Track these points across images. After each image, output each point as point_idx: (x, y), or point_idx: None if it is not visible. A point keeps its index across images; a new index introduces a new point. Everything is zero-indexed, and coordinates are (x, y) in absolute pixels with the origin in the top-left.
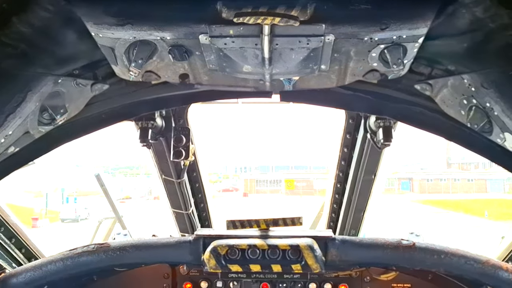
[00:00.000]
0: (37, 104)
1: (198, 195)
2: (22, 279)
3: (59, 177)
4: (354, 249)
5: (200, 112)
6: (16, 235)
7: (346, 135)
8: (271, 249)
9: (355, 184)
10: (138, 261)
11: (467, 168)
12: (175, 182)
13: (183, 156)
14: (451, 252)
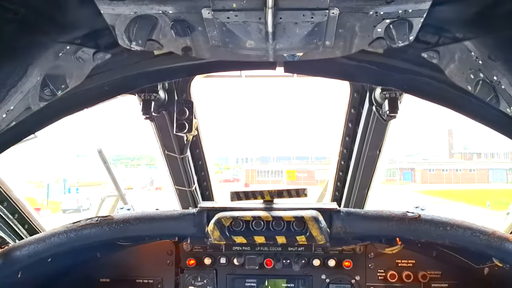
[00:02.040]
0: (39, 79)
1: (201, 172)
2: (25, 252)
3: (60, 167)
4: (359, 221)
5: (202, 92)
6: (19, 211)
7: (351, 110)
8: (275, 221)
9: (359, 161)
10: (142, 233)
11: (470, 158)
12: (178, 157)
13: (186, 129)
14: (457, 224)
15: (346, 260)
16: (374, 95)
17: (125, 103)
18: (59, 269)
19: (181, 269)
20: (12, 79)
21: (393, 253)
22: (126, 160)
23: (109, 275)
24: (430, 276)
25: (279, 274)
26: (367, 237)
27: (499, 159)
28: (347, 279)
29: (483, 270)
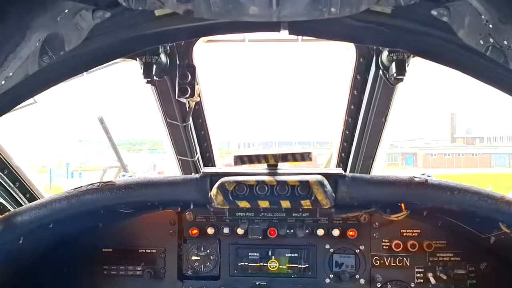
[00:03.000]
0: (37, 45)
1: (204, 144)
2: (26, 217)
3: (63, 152)
4: (364, 186)
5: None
6: (20, 179)
7: (356, 76)
8: (279, 185)
9: (364, 129)
10: (144, 198)
11: (472, 142)
12: (180, 126)
13: (189, 94)
14: (464, 189)
15: (350, 230)
16: (381, 58)
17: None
18: (61, 238)
19: (184, 239)
20: (11, 45)
21: (399, 219)
22: (128, 145)
23: (111, 244)
24: (435, 246)
25: (283, 244)
26: (372, 202)
27: (502, 143)
28: (351, 249)
29: (489, 240)
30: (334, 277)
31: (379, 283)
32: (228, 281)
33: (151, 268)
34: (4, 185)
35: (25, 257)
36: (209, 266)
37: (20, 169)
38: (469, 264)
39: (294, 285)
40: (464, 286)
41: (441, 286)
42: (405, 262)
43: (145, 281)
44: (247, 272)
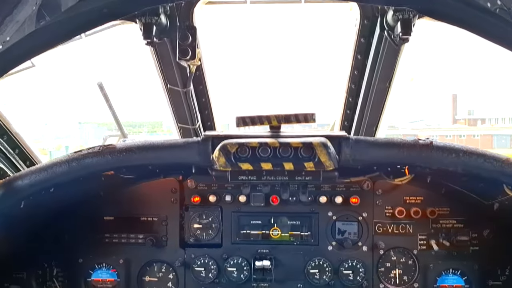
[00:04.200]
0: (34, 8)
1: (205, 111)
2: (27, 181)
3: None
4: (368, 148)
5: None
6: (20, 146)
7: (360, 39)
8: (282, 147)
9: (368, 95)
10: (145, 162)
11: (474, 123)
12: (180, 91)
13: (189, 56)
14: (470, 151)
15: (353, 197)
16: (386, 19)
17: (128, 41)
18: (63, 204)
19: (186, 207)
20: (7, 8)
21: (402, 184)
22: (128, 127)
23: (113, 213)
24: (439, 213)
25: (285, 212)
26: (376, 165)
27: (504, 124)
28: (354, 216)
29: (493, 206)
30: (337, 244)
31: (382, 250)
32: (230, 249)
33: (153, 236)
34: (4, 151)
35: (26, 223)
36: (211, 234)
37: (19, 136)
38: (472, 231)
39: (297, 252)
40: (467, 252)
41: (443, 253)
42: (408, 229)
43: (147, 249)
44: (249, 240)
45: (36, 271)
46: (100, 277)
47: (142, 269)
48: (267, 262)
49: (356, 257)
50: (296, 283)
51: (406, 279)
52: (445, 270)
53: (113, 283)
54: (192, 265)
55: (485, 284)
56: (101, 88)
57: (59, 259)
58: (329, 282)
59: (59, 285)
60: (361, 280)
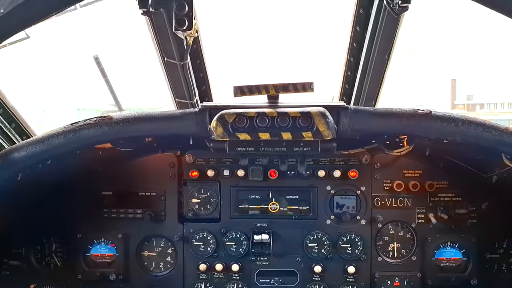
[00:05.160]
0: None
1: (203, 86)
2: (23, 153)
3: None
4: (367, 118)
5: None
6: (16, 120)
7: (359, 10)
8: (280, 117)
9: (367, 68)
10: (142, 133)
11: (473, 108)
12: (178, 64)
13: (186, 26)
14: (469, 120)
15: (351, 171)
16: None
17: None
18: (60, 179)
19: (184, 181)
20: None
21: (401, 155)
22: None
23: (111, 188)
24: (437, 186)
25: (283, 186)
26: (375, 134)
27: (502, 109)
28: (353, 190)
29: (491, 179)
30: (335, 218)
31: (380, 224)
32: (228, 224)
33: (151, 211)
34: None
35: (24, 198)
36: (210, 209)
37: (15, 110)
38: (470, 204)
39: (295, 226)
40: (465, 225)
41: (441, 226)
42: (406, 202)
43: (145, 223)
44: (247, 214)
45: (35, 246)
46: (99, 252)
47: (140, 244)
48: (266, 236)
49: (354, 230)
50: (295, 257)
51: (404, 252)
52: (443, 243)
53: (112, 257)
54: (191, 240)
55: (483, 257)
56: (97, 61)
57: (58, 234)
58: (327, 256)
59: (58, 260)
60: (359, 254)
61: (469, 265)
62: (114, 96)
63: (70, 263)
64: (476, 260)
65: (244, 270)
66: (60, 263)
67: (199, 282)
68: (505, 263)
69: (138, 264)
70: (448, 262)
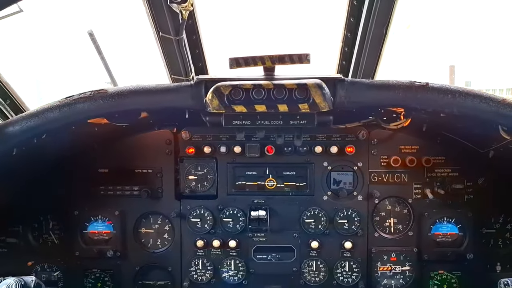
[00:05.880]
0: None
1: (199, 64)
2: (18, 127)
3: None
4: (364, 90)
5: None
6: (11, 97)
7: None
8: (277, 89)
9: (364, 44)
10: (137, 107)
11: None
12: (173, 39)
13: None
14: (466, 92)
15: (348, 146)
16: None
17: None
18: (56, 156)
19: (181, 158)
20: None
21: (398, 128)
22: None
23: (107, 165)
24: (434, 162)
25: (280, 162)
26: (372, 106)
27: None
28: (349, 166)
29: (488, 154)
30: (332, 194)
31: (377, 199)
32: (225, 200)
33: (148, 188)
34: None
35: (20, 174)
36: (207, 186)
37: (10, 86)
38: (467, 179)
39: (292, 202)
40: (461, 201)
41: (438, 202)
42: (403, 178)
43: (142, 200)
44: (244, 191)
45: (32, 224)
46: (96, 229)
47: (137, 220)
48: (263, 212)
49: (351, 206)
50: (292, 233)
51: (401, 227)
52: (440, 218)
53: (109, 235)
54: (188, 216)
55: (479, 232)
56: (91, 37)
57: (55, 212)
58: (324, 232)
59: (55, 238)
60: (356, 229)
61: (465, 240)
62: (109, 73)
63: (68, 240)
64: (472, 235)
65: (241, 246)
66: (57, 241)
67: (197, 259)
68: (501, 238)
69: (136, 241)
70: (444, 237)
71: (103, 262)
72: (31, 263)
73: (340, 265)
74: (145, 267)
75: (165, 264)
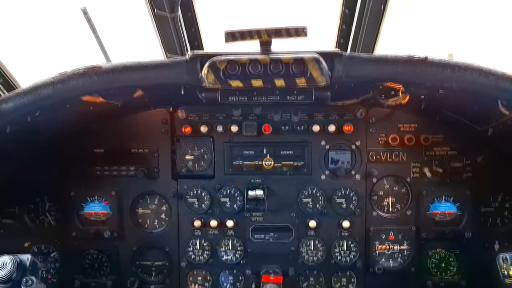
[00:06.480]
0: None
1: (195, 42)
2: (11, 104)
3: None
4: (362, 64)
5: None
6: (5, 76)
7: None
8: (273, 63)
9: (362, 20)
10: (131, 83)
11: None
12: (168, 16)
13: None
14: (465, 65)
15: (346, 125)
16: None
17: None
18: (51, 136)
19: (177, 138)
20: None
21: (397, 103)
22: None
23: (103, 145)
24: (432, 140)
25: (278, 141)
26: (370, 81)
27: None
28: (347, 145)
29: (487, 132)
30: (330, 173)
31: (375, 178)
32: (222, 180)
33: (144, 167)
34: None
35: (15, 154)
36: (203, 165)
37: (2, 64)
38: (465, 157)
39: (289, 182)
40: (459, 179)
41: (436, 180)
42: (401, 156)
43: (138, 180)
44: (242, 171)
45: (28, 205)
46: (92, 210)
47: (134, 201)
48: (260, 192)
49: (349, 185)
50: (289, 212)
51: (399, 206)
52: (438, 197)
53: (106, 215)
54: (185, 196)
55: (477, 211)
56: (85, 14)
57: (51, 193)
58: (322, 211)
59: (52, 219)
60: (354, 208)
61: (464, 218)
62: (104, 52)
63: (64, 221)
64: (470, 214)
65: (238, 226)
66: (54, 222)
67: (194, 239)
68: (499, 216)
69: (133, 221)
70: (442, 215)
71: (100, 242)
72: (28, 244)
73: (338, 245)
74: (142, 248)
75: (163, 245)
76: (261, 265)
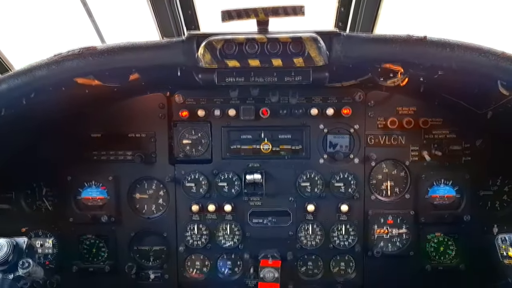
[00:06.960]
0: None
1: (191, 26)
2: (5, 86)
3: None
4: (360, 44)
5: None
6: (1, 61)
7: None
8: (271, 43)
9: (360, 3)
10: (127, 64)
11: None
12: None
13: None
14: (465, 45)
15: (345, 108)
16: None
17: None
18: (47, 119)
19: (174, 122)
20: None
21: (395, 85)
22: None
23: (100, 130)
24: (431, 123)
25: (276, 125)
26: (369, 61)
27: None
28: (346, 129)
29: (486, 115)
30: (328, 157)
31: (374, 162)
32: (220, 164)
33: (141, 152)
34: None
35: (10, 138)
36: (201, 150)
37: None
38: (464, 141)
39: (288, 166)
40: (458, 163)
41: (435, 164)
42: (400, 140)
43: (136, 165)
44: (239, 155)
45: (25, 190)
46: (89, 195)
47: (132, 186)
48: (258, 176)
49: (347, 169)
50: (288, 197)
51: (398, 190)
52: (437, 180)
53: (103, 200)
54: (183, 181)
55: (476, 194)
56: (82, 1)
57: (47, 178)
58: (320, 195)
59: (49, 204)
60: (353, 192)
61: (463, 202)
62: (100, 36)
63: (61, 206)
64: (469, 197)
65: (236, 210)
66: (51, 207)
67: (192, 223)
68: (498, 200)
69: (130, 206)
70: (441, 199)
71: (97, 227)
72: (25, 229)
73: (337, 229)
74: (140, 233)
75: (160, 230)
76: (259, 250)
